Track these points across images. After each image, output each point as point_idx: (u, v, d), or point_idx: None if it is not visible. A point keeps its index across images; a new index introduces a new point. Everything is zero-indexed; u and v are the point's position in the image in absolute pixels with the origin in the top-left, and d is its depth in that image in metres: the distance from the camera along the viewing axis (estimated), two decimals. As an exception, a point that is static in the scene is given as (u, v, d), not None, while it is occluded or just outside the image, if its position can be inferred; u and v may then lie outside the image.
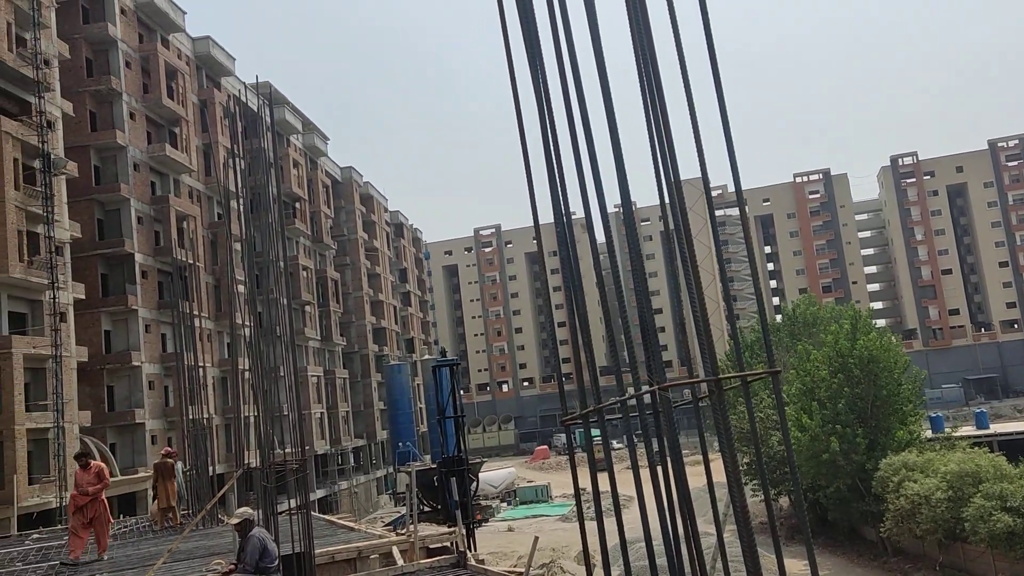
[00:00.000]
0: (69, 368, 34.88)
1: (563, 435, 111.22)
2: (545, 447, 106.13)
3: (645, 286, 4.93)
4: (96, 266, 42.10)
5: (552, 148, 5.20)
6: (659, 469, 5.41)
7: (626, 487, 8.32)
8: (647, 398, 5.56)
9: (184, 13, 50.20)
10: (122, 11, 45.11)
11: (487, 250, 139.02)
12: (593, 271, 5.45)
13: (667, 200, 5.94)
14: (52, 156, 34.82)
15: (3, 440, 31.01)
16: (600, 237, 5.51)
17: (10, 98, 34.65)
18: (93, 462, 14.74)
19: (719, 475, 5.60)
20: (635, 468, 5.07)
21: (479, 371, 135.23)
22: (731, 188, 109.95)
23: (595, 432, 5.63)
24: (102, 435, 39.59)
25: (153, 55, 46.53)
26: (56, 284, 34.12)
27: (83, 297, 38.03)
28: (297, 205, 64.73)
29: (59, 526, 27.28)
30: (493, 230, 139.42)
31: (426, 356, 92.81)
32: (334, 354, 71.33)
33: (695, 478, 5.45)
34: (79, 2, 43.12)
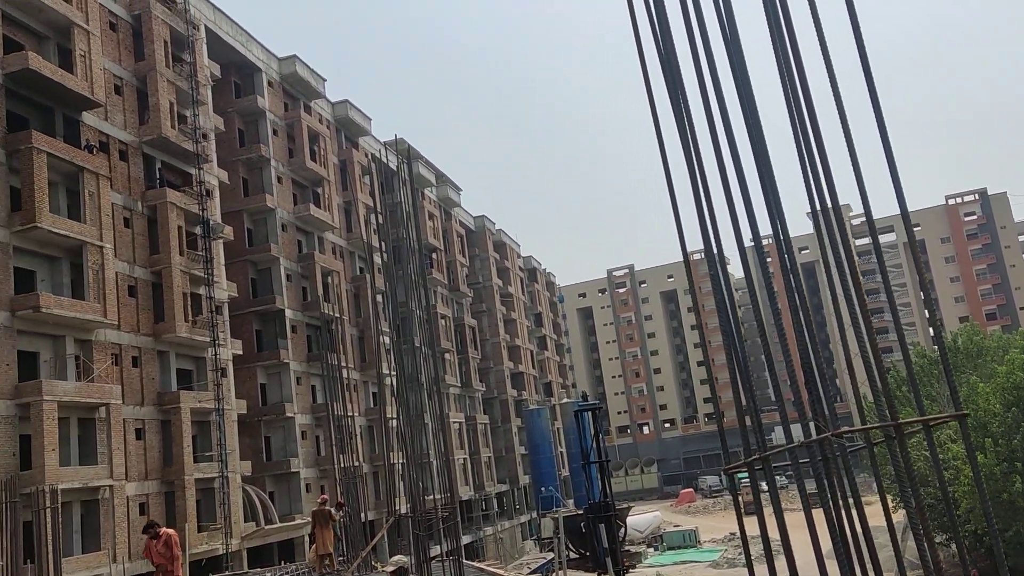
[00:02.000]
0: (230, 420, 36.91)
1: (709, 477, 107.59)
2: (690, 490, 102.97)
3: (810, 324, 4.62)
4: (251, 323, 44.61)
5: (700, 183, 5.03)
6: (832, 515, 5.01)
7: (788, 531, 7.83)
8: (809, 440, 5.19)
9: (324, 80, 53.21)
10: (269, 84, 48.33)
11: (621, 291, 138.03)
12: (725, 307, 5.18)
13: (824, 230, 5.60)
14: (211, 222, 37.43)
15: (175, 490, 33.05)
16: (732, 271, 5.24)
17: (174, 171, 37.64)
18: (163, 530, 14.63)
19: (877, 519, 5.11)
20: (808, 516, 4.71)
21: (618, 413, 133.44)
22: (876, 215, 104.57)
23: (745, 474, 5.29)
24: (261, 484, 41.52)
25: (297, 122, 49.45)
26: (217, 341, 36.38)
27: (241, 353, 40.33)
28: (433, 255, 66.58)
29: (226, 572, 28.65)
30: (626, 270, 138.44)
31: (564, 400, 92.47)
32: (474, 400, 72.21)
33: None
34: (231, 79, 46.53)
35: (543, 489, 70.53)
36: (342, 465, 27.92)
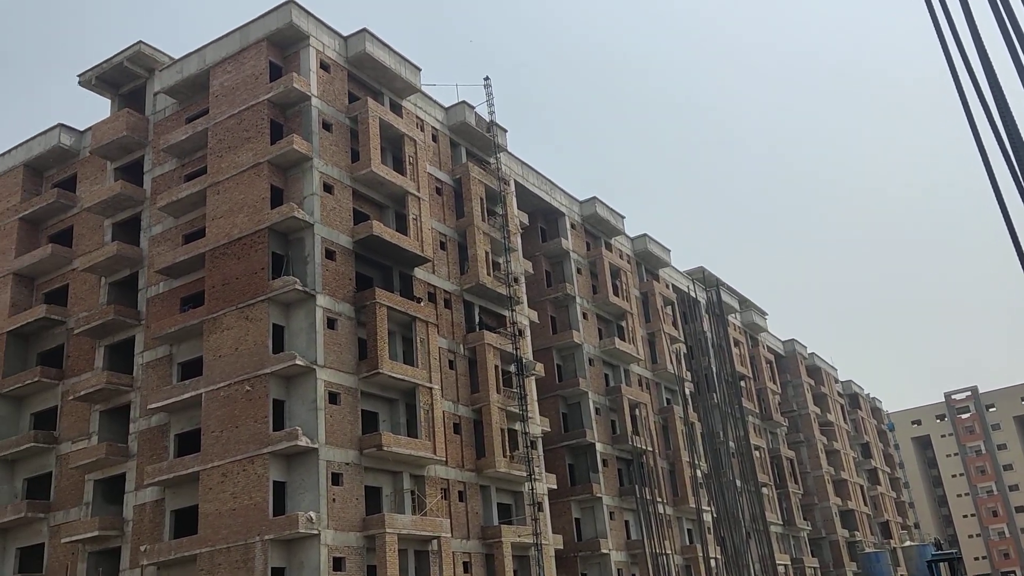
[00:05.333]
0: (548, 556, 37.22)
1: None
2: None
3: None
4: (563, 457, 45.50)
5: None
6: None
7: None
8: None
9: (623, 217, 55.18)
10: (572, 226, 51.16)
11: (964, 416, 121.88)
12: None
13: None
14: (524, 360, 39.46)
15: (498, 625, 33.63)
16: None
17: (489, 314, 40.60)
18: None
19: None
20: None
21: (976, 559, 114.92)
22: None
23: None
24: (579, 623, 40.93)
25: (599, 259, 51.46)
26: (533, 476, 37.44)
27: (555, 487, 41.06)
28: (742, 383, 64.07)
29: None
30: (968, 393, 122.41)
31: (907, 542, 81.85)
32: (799, 540, 66.41)
33: None
34: (538, 225, 50.00)
35: (890, 647, 61.66)
36: (661, 608, 26.75)
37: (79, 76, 38.38)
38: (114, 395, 33.96)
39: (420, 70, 38.41)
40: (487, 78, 41.84)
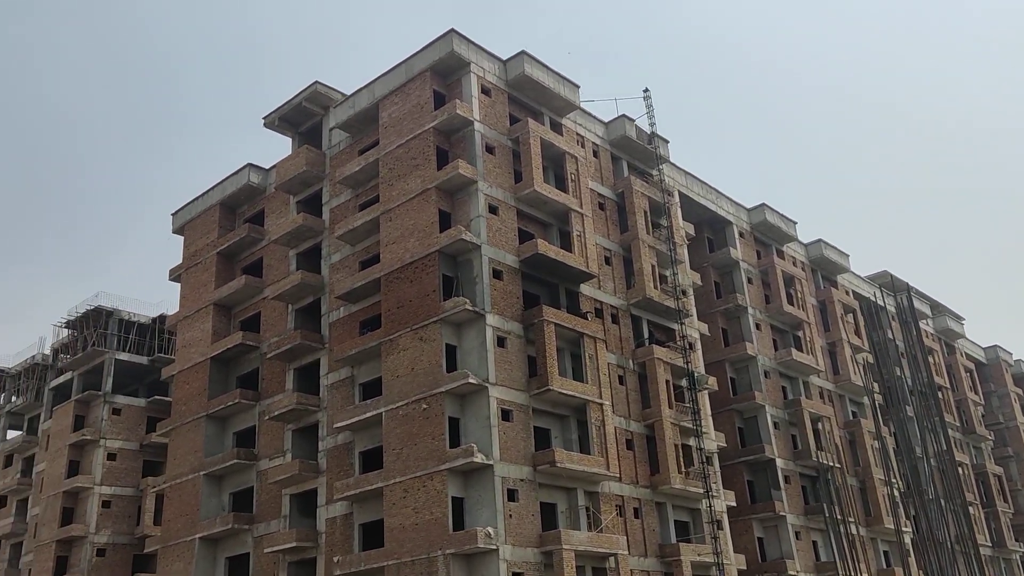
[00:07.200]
0: (730, 576, 35.91)
1: None
2: None
3: None
4: (742, 473, 43.81)
5: None
6: None
7: None
8: None
9: (794, 223, 52.69)
10: (740, 235, 49.44)
11: None
12: None
13: None
14: (696, 374, 38.41)
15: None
16: None
17: (658, 328, 39.86)
18: None
19: None
20: None
21: None
22: None
23: None
24: (766, 648, 39.10)
25: (770, 267, 49.37)
26: (710, 493, 36.28)
27: (734, 504, 39.59)
28: (939, 394, 59.29)
29: None
30: None
31: None
32: (1011, 563, 60.42)
33: None
34: (704, 235, 48.71)
35: None
36: (857, 635, 25.01)
37: (264, 118, 41.44)
38: (304, 415, 36.13)
39: (578, 87, 38.52)
40: (646, 90, 41.31)
